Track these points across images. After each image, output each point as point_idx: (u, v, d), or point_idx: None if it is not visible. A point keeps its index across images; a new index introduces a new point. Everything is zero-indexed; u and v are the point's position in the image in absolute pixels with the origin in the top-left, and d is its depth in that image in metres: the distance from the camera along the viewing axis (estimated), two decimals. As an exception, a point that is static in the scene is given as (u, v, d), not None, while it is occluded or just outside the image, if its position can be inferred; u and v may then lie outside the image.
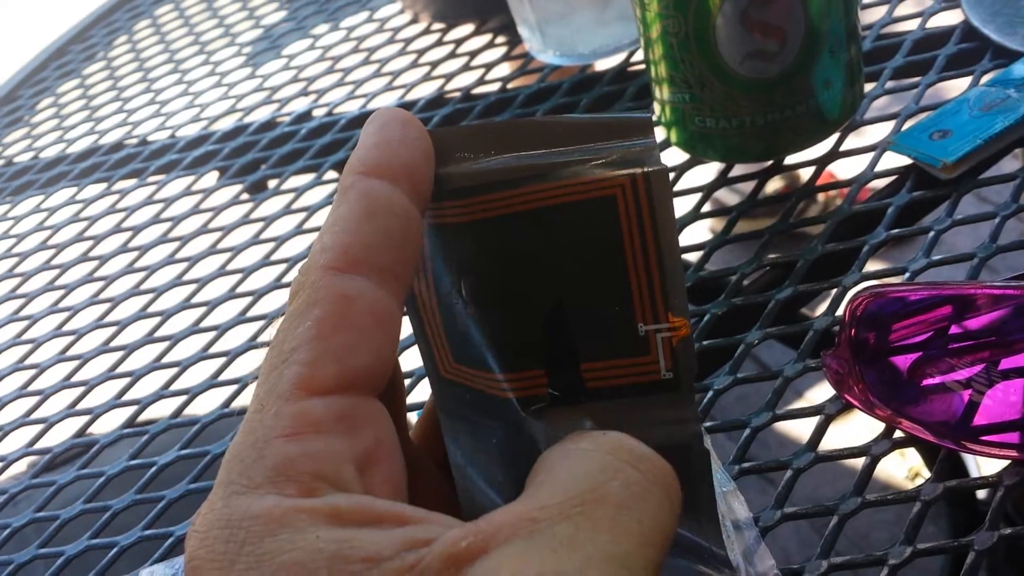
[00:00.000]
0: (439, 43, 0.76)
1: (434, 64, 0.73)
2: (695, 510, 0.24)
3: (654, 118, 0.23)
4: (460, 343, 0.25)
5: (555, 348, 0.24)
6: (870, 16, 0.62)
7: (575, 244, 0.24)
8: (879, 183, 0.51)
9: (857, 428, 0.45)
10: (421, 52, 0.75)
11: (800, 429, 0.41)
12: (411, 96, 0.71)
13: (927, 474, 0.37)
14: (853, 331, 0.38)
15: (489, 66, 0.71)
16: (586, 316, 0.24)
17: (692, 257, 0.51)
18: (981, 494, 0.45)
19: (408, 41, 0.77)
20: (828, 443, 0.39)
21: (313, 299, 0.22)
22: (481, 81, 0.70)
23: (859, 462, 0.38)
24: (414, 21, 0.79)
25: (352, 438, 0.21)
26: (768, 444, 1.10)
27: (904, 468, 1.19)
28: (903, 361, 0.38)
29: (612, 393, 0.24)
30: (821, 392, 0.40)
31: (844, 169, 0.53)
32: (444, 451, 0.25)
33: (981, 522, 0.35)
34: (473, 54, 0.73)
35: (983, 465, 0.64)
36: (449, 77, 0.71)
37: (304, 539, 0.19)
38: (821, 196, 1.29)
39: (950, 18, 0.59)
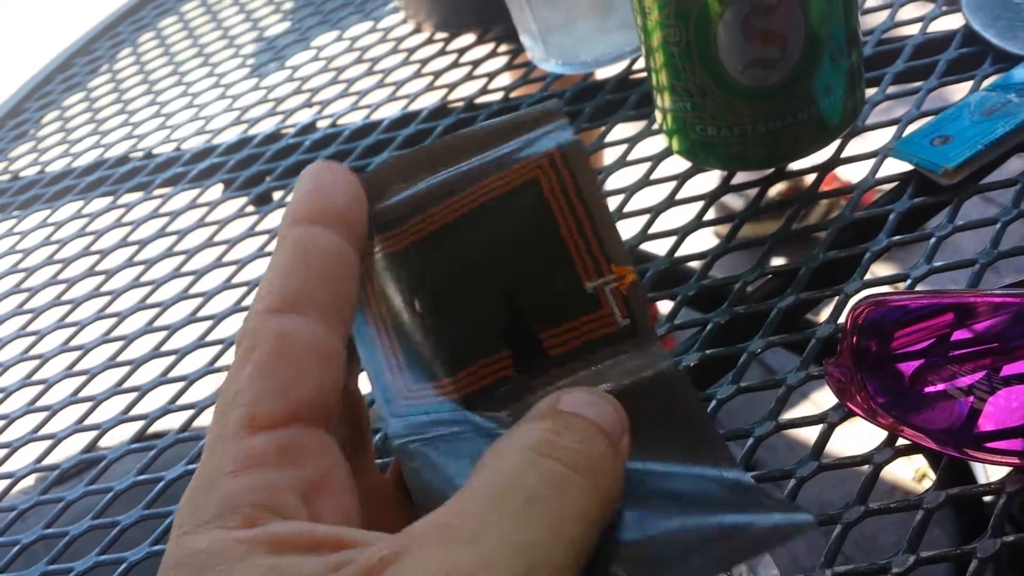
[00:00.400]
0: (442, 52, 0.76)
1: (437, 74, 0.74)
2: (690, 429, 0.25)
3: (560, 104, 0.26)
4: (420, 362, 0.26)
5: (512, 327, 0.26)
6: (871, 21, 0.62)
7: (511, 232, 0.26)
8: (883, 186, 0.51)
9: (863, 432, 0.45)
10: (424, 62, 0.76)
11: (806, 430, 0.41)
12: (414, 106, 0.71)
13: (934, 476, 0.37)
14: (854, 339, 0.38)
15: (492, 75, 0.71)
16: (536, 291, 0.26)
17: (695, 264, 0.51)
18: (988, 497, 0.45)
19: (411, 51, 0.77)
20: (836, 444, 0.40)
21: (253, 343, 0.23)
22: (484, 90, 0.70)
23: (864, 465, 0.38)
24: (417, 31, 0.79)
25: (296, 469, 0.22)
26: (775, 448, 1.10)
27: (911, 469, 1.19)
28: (905, 368, 0.38)
29: (576, 354, 0.26)
30: (827, 396, 0.40)
31: (846, 175, 0.53)
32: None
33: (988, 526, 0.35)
34: (476, 63, 0.73)
35: (991, 470, 0.64)
36: (452, 87, 0.72)
37: (241, 567, 0.20)
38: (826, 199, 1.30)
39: (951, 23, 0.59)
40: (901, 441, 0.38)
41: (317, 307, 0.23)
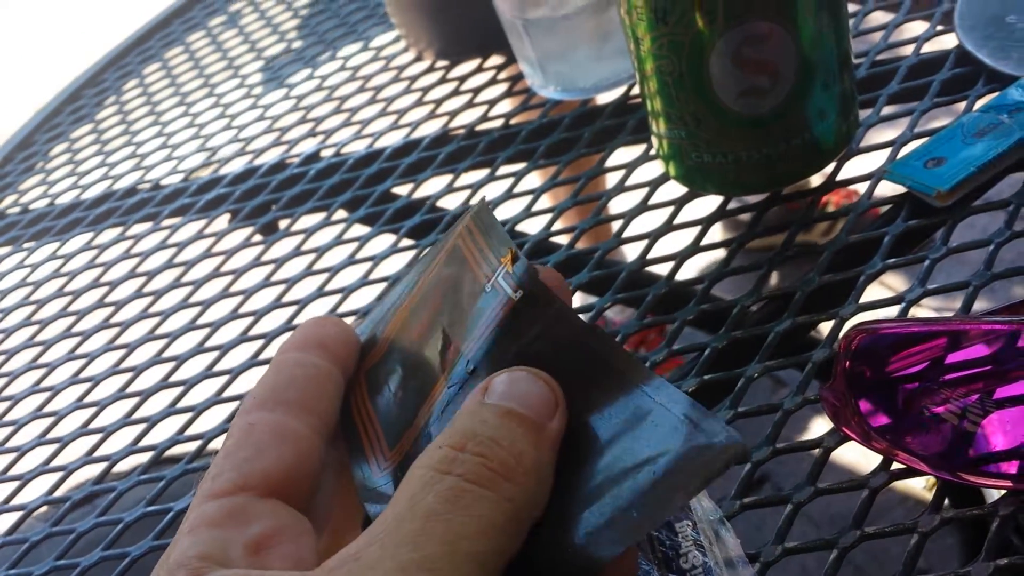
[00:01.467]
0: (443, 80, 0.77)
1: (438, 101, 0.74)
2: (599, 363, 0.26)
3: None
4: (397, 427, 0.29)
5: (442, 353, 0.29)
6: (865, 43, 0.63)
7: (444, 293, 0.29)
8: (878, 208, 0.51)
9: (860, 452, 0.46)
10: (426, 90, 0.76)
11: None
12: (417, 134, 0.72)
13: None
14: (848, 364, 0.39)
15: (492, 102, 0.72)
16: (460, 320, 0.28)
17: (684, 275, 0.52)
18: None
19: (413, 79, 0.78)
20: (839, 454, 0.40)
21: (227, 436, 0.27)
22: (484, 117, 0.71)
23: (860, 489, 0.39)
24: (418, 59, 0.80)
25: (242, 527, 0.24)
26: (774, 472, 1.10)
27: (922, 479, 1.18)
28: (898, 393, 0.39)
29: (492, 345, 0.27)
30: (824, 420, 0.40)
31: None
32: None
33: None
34: (476, 91, 0.74)
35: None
36: (453, 114, 0.72)
37: None
38: (833, 200, 1.29)
39: (944, 43, 0.59)
40: (897, 465, 0.39)
41: (286, 404, 0.27)
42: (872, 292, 0.47)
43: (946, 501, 0.38)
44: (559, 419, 0.25)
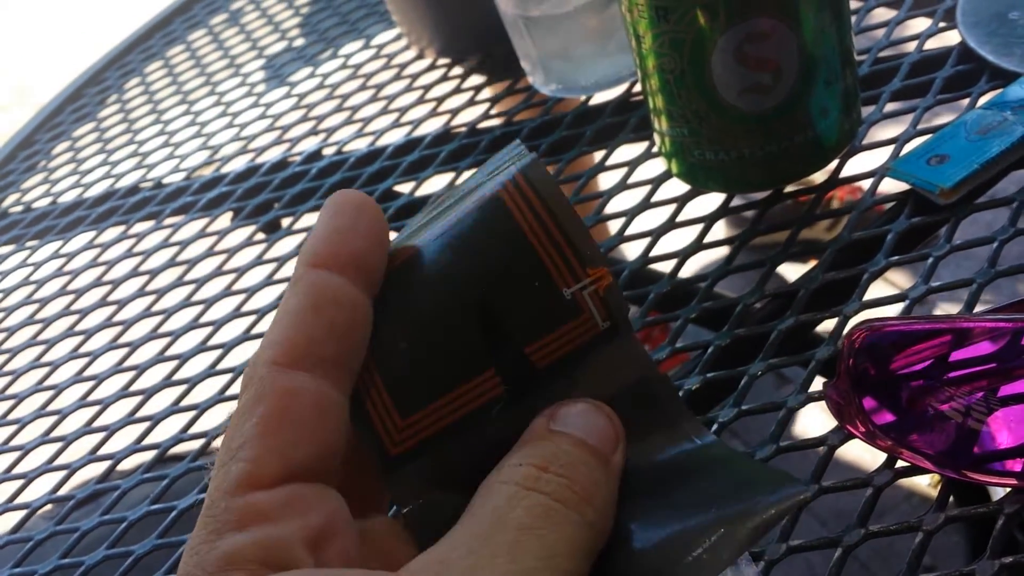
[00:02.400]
0: (444, 78, 0.77)
1: (440, 99, 0.74)
2: (675, 428, 0.26)
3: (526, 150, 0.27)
4: (407, 391, 0.26)
5: (494, 345, 0.26)
6: (868, 39, 0.63)
7: (484, 253, 0.26)
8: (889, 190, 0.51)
9: (865, 448, 0.46)
10: (427, 88, 0.76)
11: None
12: (418, 132, 0.72)
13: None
14: (851, 362, 0.39)
15: (494, 100, 0.72)
16: (515, 306, 0.26)
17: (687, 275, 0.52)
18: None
19: (414, 77, 0.78)
20: (844, 450, 0.40)
21: (259, 395, 0.23)
22: (486, 115, 0.71)
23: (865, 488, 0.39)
24: (419, 57, 0.80)
25: (299, 520, 0.22)
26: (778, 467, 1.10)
27: (927, 476, 1.18)
28: (902, 391, 0.39)
29: (563, 363, 0.26)
30: (828, 417, 0.40)
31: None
32: None
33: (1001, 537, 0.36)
34: (478, 89, 0.74)
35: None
36: (455, 112, 0.72)
37: None
38: (838, 195, 1.29)
39: (947, 40, 0.59)
40: (901, 463, 0.39)
41: (323, 362, 0.24)
42: (876, 289, 0.47)
43: (951, 499, 0.38)
44: (620, 454, 0.25)
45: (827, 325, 0.47)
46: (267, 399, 0.23)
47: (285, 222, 0.71)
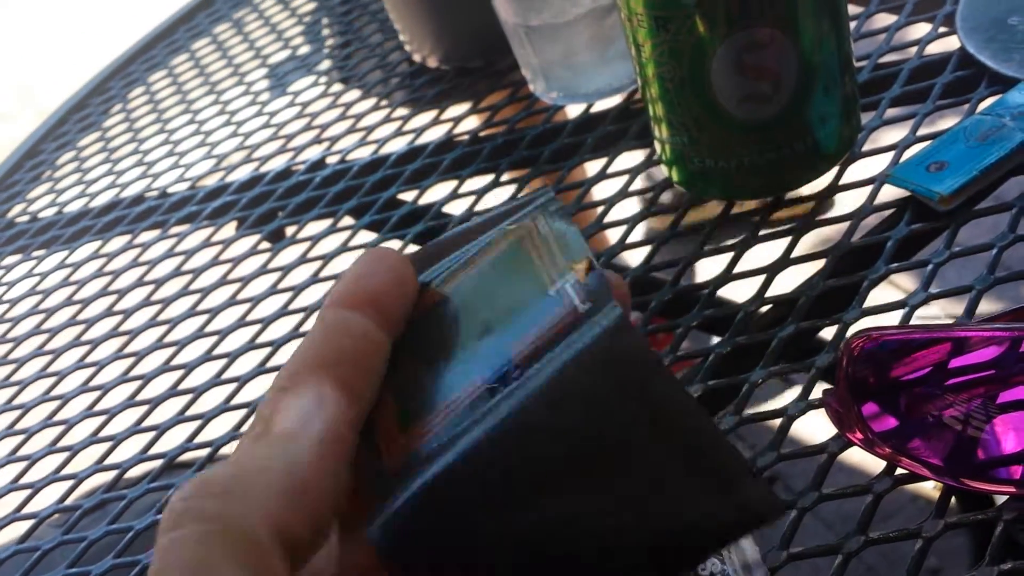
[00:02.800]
0: (446, 87, 0.77)
1: (442, 108, 0.75)
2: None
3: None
4: (420, 408, 0.26)
5: (485, 355, 0.26)
6: (867, 45, 0.63)
7: (492, 278, 0.27)
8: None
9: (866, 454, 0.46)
10: (429, 96, 0.77)
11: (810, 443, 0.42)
12: (421, 140, 0.73)
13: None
14: (850, 370, 0.39)
15: (496, 108, 0.72)
16: (508, 317, 0.26)
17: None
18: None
19: (416, 86, 0.79)
20: (847, 455, 0.40)
21: (271, 416, 0.24)
22: (488, 123, 0.71)
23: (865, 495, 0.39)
24: (422, 65, 0.80)
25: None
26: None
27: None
28: (901, 399, 0.39)
29: (541, 352, 0.25)
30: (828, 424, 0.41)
31: (844, 202, 0.54)
32: None
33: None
34: (479, 97, 0.74)
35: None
36: (457, 120, 0.73)
37: None
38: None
39: (946, 46, 0.59)
40: (900, 470, 0.39)
41: (332, 378, 0.24)
42: (877, 293, 0.47)
43: (953, 501, 0.38)
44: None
45: (829, 331, 0.47)
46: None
47: (289, 231, 0.71)
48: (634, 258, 0.56)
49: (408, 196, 0.69)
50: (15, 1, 3.63)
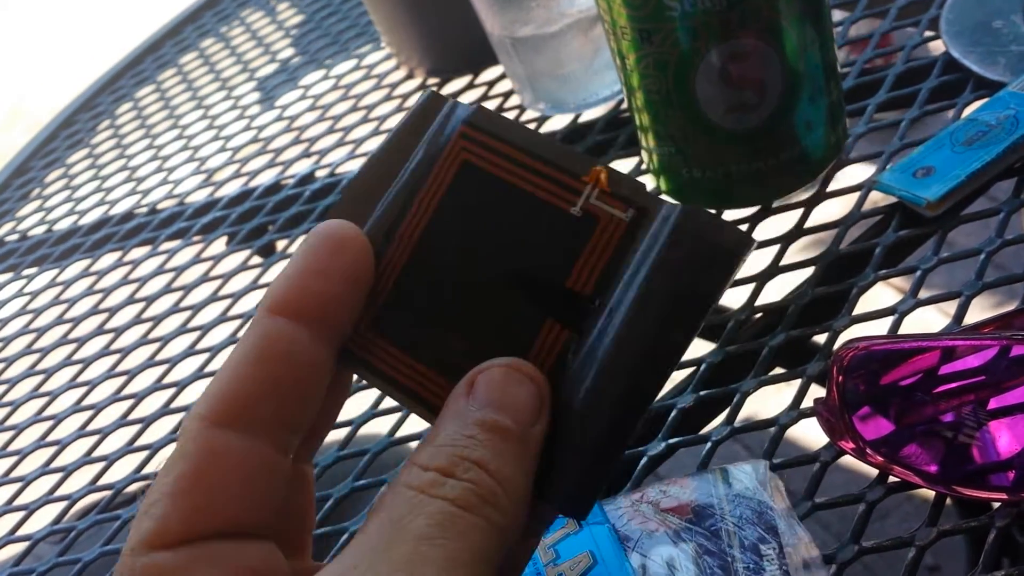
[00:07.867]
0: (435, 97, 0.77)
1: (431, 119, 0.75)
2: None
3: (430, 92, 0.26)
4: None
5: (535, 298, 0.25)
6: (852, 51, 0.63)
7: (477, 216, 0.26)
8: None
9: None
10: (418, 107, 0.77)
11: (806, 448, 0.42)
12: (410, 152, 0.73)
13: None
14: (840, 379, 0.39)
15: (484, 119, 0.72)
16: (534, 251, 0.25)
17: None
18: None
19: (405, 97, 0.79)
20: (840, 461, 0.41)
21: (182, 452, 0.23)
22: (477, 134, 0.71)
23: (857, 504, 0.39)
24: (409, 76, 0.81)
25: None
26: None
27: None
28: (891, 407, 0.39)
29: (608, 273, 0.24)
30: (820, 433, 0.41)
31: (831, 209, 0.54)
32: None
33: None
34: (468, 107, 0.74)
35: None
36: (446, 132, 0.73)
37: None
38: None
39: (931, 50, 0.60)
40: (893, 478, 0.39)
41: (260, 421, 0.23)
42: (866, 304, 0.47)
43: (948, 502, 0.38)
44: (541, 424, 0.24)
45: (820, 337, 0.47)
46: (188, 458, 0.23)
47: (280, 245, 0.71)
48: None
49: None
50: (4, 13, 3.63)
